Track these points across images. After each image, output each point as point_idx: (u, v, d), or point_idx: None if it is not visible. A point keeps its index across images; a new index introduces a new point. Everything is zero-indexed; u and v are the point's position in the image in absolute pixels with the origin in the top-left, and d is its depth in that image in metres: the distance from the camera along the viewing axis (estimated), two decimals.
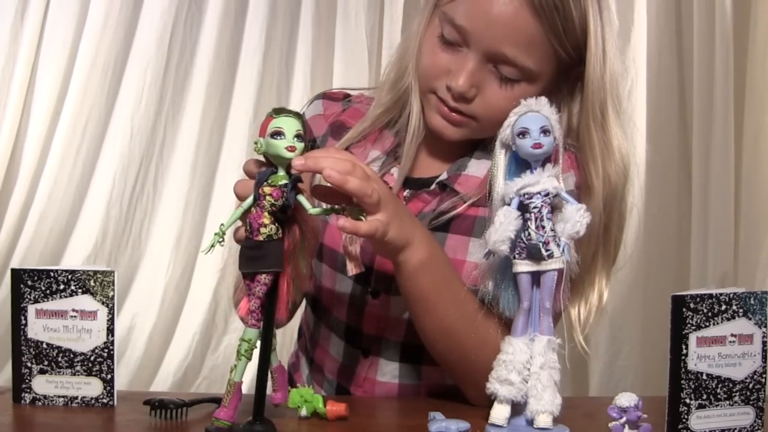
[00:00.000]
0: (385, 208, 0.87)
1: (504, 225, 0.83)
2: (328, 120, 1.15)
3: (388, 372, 1.10)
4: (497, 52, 0.98)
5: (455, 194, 1.06)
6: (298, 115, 0.84)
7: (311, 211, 0.84)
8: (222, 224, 0.83)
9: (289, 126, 0.82)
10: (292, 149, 0.82)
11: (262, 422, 0.84)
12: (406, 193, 1.09)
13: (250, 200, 0.84)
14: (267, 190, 0.83)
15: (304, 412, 0.94)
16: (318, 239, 1.02)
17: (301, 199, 0.84)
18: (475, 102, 1.01)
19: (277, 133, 0.82)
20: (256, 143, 0.83)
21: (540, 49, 0.98)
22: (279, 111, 0.84)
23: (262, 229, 0.83)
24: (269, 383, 0.88)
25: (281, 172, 0.84)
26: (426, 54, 1.04)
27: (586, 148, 1.01)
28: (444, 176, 1.08)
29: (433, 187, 1.08)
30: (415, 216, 1.06)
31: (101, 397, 0.98)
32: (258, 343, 0.85)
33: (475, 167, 1.07)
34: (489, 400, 0.89)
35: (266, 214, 0.83)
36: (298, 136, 0.82)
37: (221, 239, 0.83)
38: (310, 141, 1.14)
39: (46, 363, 0.99)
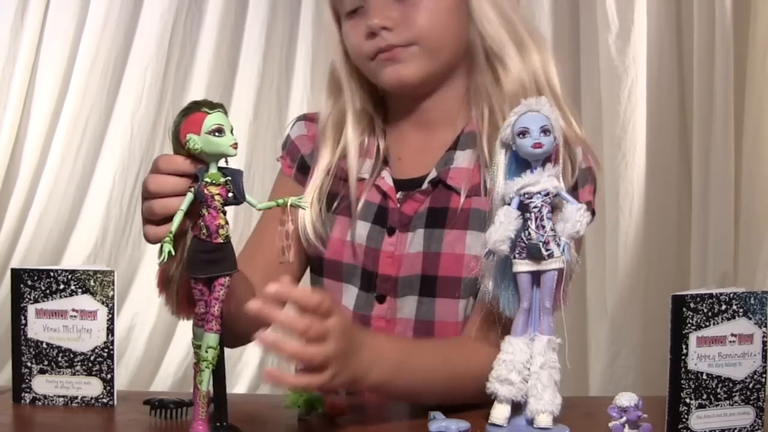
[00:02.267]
0: (331, 366, 0.82)
1: (504, 225, 0.83)
2: (312, 140, 1.16)
3: None
4: None
5: (446, 190, 1.06)
6: (224, 108, 0.82)
7: (259, 206, 0.84)
8: (170, 232, 0.79)
9: (226, 122, 0.80)
10: (236, 146, 0.80)
11: (228, 428, 0.82)
12: (399, 195, 1.09)
13: (187, 201, 0.80)
14: (213, 189, 0.80)
15: (303, 410, 0.94)
16: None
17: (248, 197, 0.82)
18: (398, 29, 1.03)
19: (218, 130, 0.79)
20: (189, 140, 0.79)
21: None
22: (207, 104, 0.81)
23: (221, 231, 0.80)
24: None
25: (214, 169, 0.81)
26: (348, 36, 1.08)
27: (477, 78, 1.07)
28: (434, 173, 1.07)
29: (425, 186, 1.07)
30: (410, 218, 1.06)
31: (101, 397, 0.98)
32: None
33: (462, 158, 1.07)
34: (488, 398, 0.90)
35: (221, 214, 0.80)
36: (231, 130, 0.81)
37: (172, 245, 0.79)
38: (298, 156, 1.16)
39: (46, 363, 0.99)
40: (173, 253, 0.78)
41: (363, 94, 1.12)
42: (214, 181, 0.80)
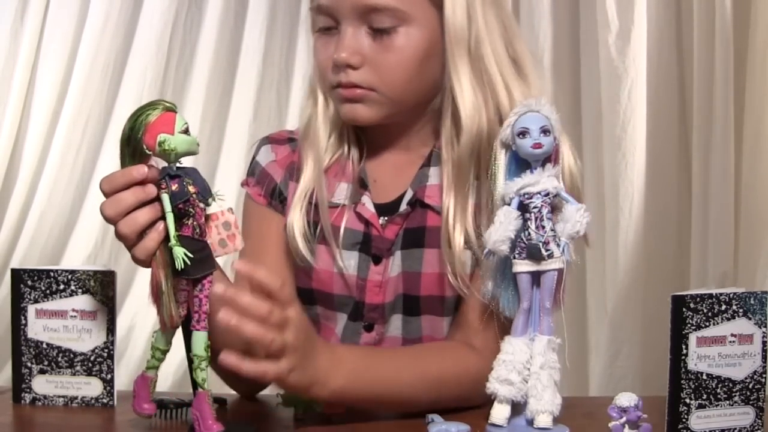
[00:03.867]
0: (288, 357, 0.83)
1: (504, 225, 0.83)
2: (282, 165, 1.11)
3: None
4: (359, 6, 0.98)
5: (423, 209, 1.04)
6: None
7: (213, 203, 0.84)
8: (174, 236, 0.78)
9: (186, 120, 0.80)
10: (198, 144, 0.80)
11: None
12: (381, 221, 1.05)
13: (167, 202, 0.79)
14: (191, 188, 0.80)
15: (301, 410, 0.94)
16: None
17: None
18: (364, 69, 1.00)
19: (188, 130, 0.79)
20: (164, 141, 0.78)
21: None
22: (168, 104, 0.80)
23: (207, 230, 0.81)
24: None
25: (172, 170, 0.80)
26: (316, 54, 1.05)
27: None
28: (410, 193, 1.05)
29: (403, 207, 1.04)
30: (392, 242, 1.03)
31: (101, 397, 0.98)
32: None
33: (435, 175, 1.05)
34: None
35: (204, 212, 0.81)
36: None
37: (181, 247, 0.78)
38: (272, 185, 1.10)
39: (46, 363, 0.99)
40: (189, 254, 0.78)
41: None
42: (186, 182, 0.80)
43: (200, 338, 0.82)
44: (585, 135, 2.36)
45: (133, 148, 0.79)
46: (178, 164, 0.80)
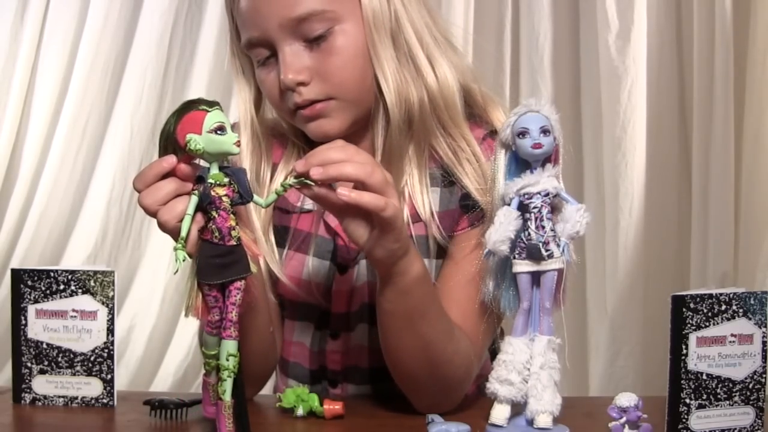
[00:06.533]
0: (390, 190, 0.84)
1: (504, 225, 0.83)
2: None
3: (361, 393, 1.10)
4: (286, 22, 0.95)
5: None
6: (220, 105, 0.80)
7: (266, 204, 0.83)
8: (181, 238, 0.77)
9: (226, 119, 0.78)
10: (238, 144, 0.77)
11: None
12: None
13: (192, 204, 0.78)
14: (220, 190, 0.78)
15: (300, 411, 0.94)
16: None
17: (254, 196, 0.81)
18: (315, 82, 0.98)
19: (220, 128, 0.77)
20: (190, 141, 0.76)
21: None
22: (204, 103, 0.78)
23: (233, 233, 0.78)
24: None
25: (215, 170, 0.78)
26: (263, 85, 1.03)
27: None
28: None
29: None
30: (358, 252, 1.03)
31: (101, 397, 0.98)
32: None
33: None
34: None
35: (232, 216, 0.78)
36: (231, 127, 0.78)
37: (185, 250, 0.77)
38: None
39: (46, 363, 0.99)
40: (188, 259, 0.76)
41: (287, 126, 1.07)
42: (219, 182, 0.78)
43: (224, 347, 0.78)
44: (585, 135, 2.36)
45: (172, 146, 0.78)
46: (224, 164, 0.79)
